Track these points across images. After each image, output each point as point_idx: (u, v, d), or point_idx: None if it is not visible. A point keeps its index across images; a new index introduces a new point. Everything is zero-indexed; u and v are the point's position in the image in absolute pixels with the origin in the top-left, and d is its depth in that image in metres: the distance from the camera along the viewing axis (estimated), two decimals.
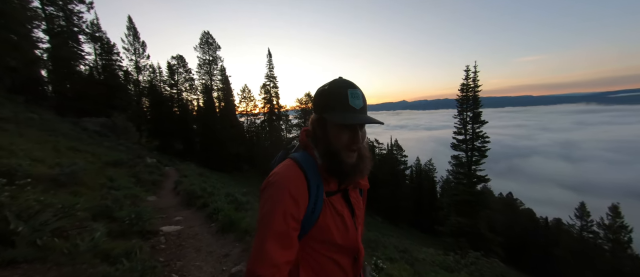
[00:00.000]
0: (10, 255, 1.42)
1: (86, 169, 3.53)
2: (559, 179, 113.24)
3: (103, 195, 3.13)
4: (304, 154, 0.81)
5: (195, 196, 4.53)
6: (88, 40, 19.01)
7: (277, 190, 0.72)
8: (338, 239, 0.78)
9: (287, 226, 0.70)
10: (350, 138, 0.76)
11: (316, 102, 0.81)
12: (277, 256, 0.68)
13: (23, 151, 3.34)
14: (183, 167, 12.45)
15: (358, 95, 0.76)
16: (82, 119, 13.73)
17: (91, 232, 1.91)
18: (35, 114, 9.71)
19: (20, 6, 11.60)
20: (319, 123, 0.80)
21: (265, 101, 30.40)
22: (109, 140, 11.21)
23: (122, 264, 1.68)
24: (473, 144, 20.98)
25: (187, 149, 25.85)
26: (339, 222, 0.79)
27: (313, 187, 0.75)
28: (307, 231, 0.76)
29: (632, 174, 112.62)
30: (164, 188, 6.00)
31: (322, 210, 0.76)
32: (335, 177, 0.79)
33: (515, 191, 58.18)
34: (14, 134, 5.15)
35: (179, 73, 27.77)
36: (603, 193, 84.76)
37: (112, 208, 2.63)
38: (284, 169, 0.76)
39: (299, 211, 0.72)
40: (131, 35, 24.33)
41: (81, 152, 5.41)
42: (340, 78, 0.80)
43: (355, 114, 0.74)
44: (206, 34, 27.87)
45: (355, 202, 0.86)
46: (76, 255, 1.59)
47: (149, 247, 2.29)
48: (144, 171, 6.70)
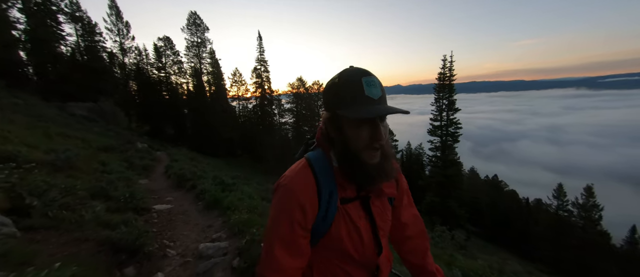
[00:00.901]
0: (28, 223, 1.74)
1: (79, 154, 3.77)
2: (544, 162, 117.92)
3: (97, 178, 3.42)
4: (319, 154, 0.74)
5: (184, 179, 4.88)
6: (68, 20, 18.17)
7: (285, 195, 0.68)
8: (351, 252, 0.71)
9: (294, 234, 0.67)
10: (371, 134, 0.65)
11: (327, 99, 0.70)
12: (285, 262, 0.66)
13: (17, 137, 3.53)
14: (174, 152, 12.64)
15: (375, 83, 0.65)
16: (69, 104, 13.54)
17: (92, 207, 2.26)
18: (19, 99, 9.61)
19: None
20: (332, 122, 0.70)
21: (257, 85, 30.08)
22: (97, 125, 11.24)
23: (121, 229, 2.01)
24: (447, 130, 22.40)
25: (178, 134, 25.77)
26: (354, 233, 0.71)
27: (324, 194, 0.69)
28: (318, 239, 0.72)
29: (613, 158, 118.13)
30: (155, 172, 6.29)
31: (335, 218, 0.70)
32: (358, 182, 0.71)
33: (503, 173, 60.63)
34: (4, 120, 5.27)
35: (167, 56, 26.97)
36: (585, 175, 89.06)
37: (107, 189, 2.94)
38: (294, 173, 0.71)
39: (307, 218, 0.67)
40: (113, 14, 23.26)
41: (72, 138, 5.58)
42: (352, 67, 0.69)
43: (374, 106, 0.63)
44: (193, 15, 26.84)
45: (379, 213, 0.76)
46: (82, 224, 1.94)
47: (143, 222, 2.64)
48: (135, 156, 6.93)
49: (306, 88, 30.35)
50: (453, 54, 21.73)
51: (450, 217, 19.76)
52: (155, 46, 26.28)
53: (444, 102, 22.15)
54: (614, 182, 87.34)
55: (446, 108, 22.02)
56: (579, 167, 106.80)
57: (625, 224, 29.88)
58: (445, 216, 19.61)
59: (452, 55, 21.72)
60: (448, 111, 21.95)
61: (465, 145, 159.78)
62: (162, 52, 26.61)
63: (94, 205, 2.33)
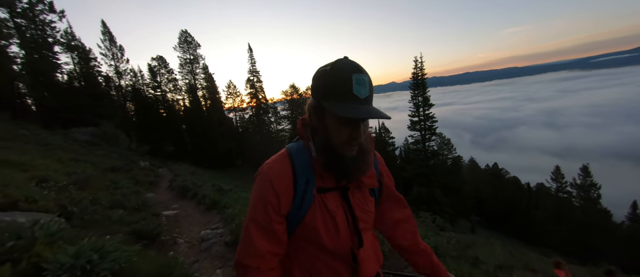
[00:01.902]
0: (72, 224, 2.24)
1: (93, 175, 4.28)
2: (544, 147, 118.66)
3: (112, 193, 3.93)
4: (299, 145, 0.75)
5: (187, 190, 5.40)
6: (64, 50, 18.82)
7: (261, 182, 0.70)
8: (326, 242, 0.71)
9: (270, 220, 0.68)
10: (350, 133, 0.66)
11: (315, 85, 0.69)
12: (261, 246, 0.68)
13: (40, 165, 4.03)
14: (176, 167, 13.13)
15: (364, 82, 0.64)
16: (71, 130, 14.07)
17: (116, 212, 2.79)
18: (25, 129, 10.14)
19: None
20: (316, 111, 0.70)
21: (251, 96, 30.70)
22: (101, 149, 11.73)
23: (140, 224, 2.51)
24: (425, 124, 24.24)
25: (178, 150, 26.22)
26: (330, 223, 0.71)
27: (300, 182, 0.70)
28: (294, 228, 0.72)
29: (610, 136, 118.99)
30: (160, 186, 6.79)
31: (310, 207, 0.70)
32: (333, 173, 0.72)
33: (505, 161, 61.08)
34: (18, 151, 5.78)
35: (161, 74, 27.62)
36: (584, 156, 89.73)
37: (122, 201, 3.44)
38: (272, 161, 0.73)
39: (281, 205, 0.68)
40: (107, 39, 23.95)
41: (81, 162, 6.08)
42: (346, 58, 0.68)
43: (359, 106, 0.63)
44: (184, 33, 27.57)
45: (359, 204, 0.76)
46: (111, 223, 2.47)
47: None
48: (140, 174, 7.43)
49: (299, 94, 30.97)
50: (422, 55, 24.02)
51: (434, 205, 21.06)
52: (149, 66, 26.96)
53: (420, 99, 23.92)
54: (614, 160, 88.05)
55: (422, 104, 23.72)
56: (579, 149, 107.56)
57: (628, 201, 30.17)
58: (431, 204, 20.86)
59: (422, 56, 24.00)
60: (423, 107, 23.73)
61: (465, 137, 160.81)
62: (157, 71, 27.27)
63: (117, 211, 2.87)
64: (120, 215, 2.78)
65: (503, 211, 34.70)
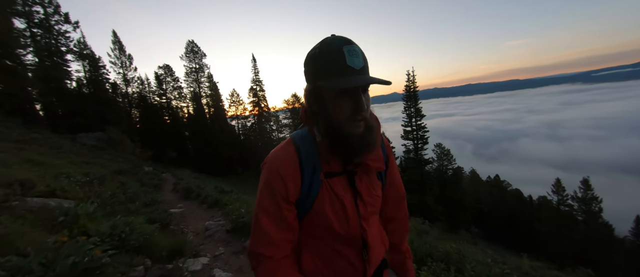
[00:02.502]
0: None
1: (105, 176, 4.69)
2: (546, 159, 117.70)
3: (124, 191, 4.30)
4: (303, 132, 0.75)
5: (191, 191, 5.77)
6: (77, 59, 19.67)
7: (268, 171, 0.70)
8: (336, 227, 0.70)
9: (279, 208, 0.68)
10: (353, 106, 0.63)
11: (307, 70, 0.68)
12: (274, 234, 0.67)
13: (59, 165, 4.42)
14: (178, 173, 13.51)
15: (356, 53, 0.62)
16: (79, 135, 14.57)
17: (132, 205, 3.17)
18: (37, 133, 10.64)
19: (6, 30, 12.35)
20: (313, 95, 0.69)
21: (254, 104, 31.37)
22: (107, 153, 12.17)
23: (154, 214, 2.88)
24: (417, 134, 25.65)
25: (181, 156, 26.67)
26: (338, 207, 0.71)
27: (307, 169, 0.69)
28: (304, 215, 0.72)
29: (614, 149, 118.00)
30: (164, 189, 7.15)
31: (318, 193, 0.70)
32: (342, 153, 0.69)
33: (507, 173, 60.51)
34: (35, 153, 6.21)
35: (167, 82, 28.50)
36: (588, 169, 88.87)
37: (134, 197, 3.81)
38: (278, 149, 0.73)
39: (289, 192, 0.68)
40: (117, 49, 24.94)
41: (92, 165, 6.48)
42: (333, 35, 0.66)
43: (356, 76, 0.60)
44: (191, 43, 28.58)
45: (366, 188, 0.76)
46: (129, 212, 2.82)
47: None
48: (146, 177, 7.80)
49: (301, 103, 31.62)
50: (414, 69, 25.74)
51: (427, 212, 21.94)
52: (156, 74, 27.87)
53: (412, 110, 25.38)
54: (618, 174, 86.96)
55: (414, 115, 25.11)
56: (582, 161, 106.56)
57: (633, 215, 29.79)
58: (424, 212, 21.47)
59: (414, 70, 25.70)
60: (416, 118, 25.13)
61: (467, 147, 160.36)
62: (163, 79, 28.15)
63: (133, 204, 3.24)
64: (136, 206, 3.14)
65: (505, 223, 34.36)
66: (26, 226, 1.63)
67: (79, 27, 18.55)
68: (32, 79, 13.84)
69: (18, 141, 7.18)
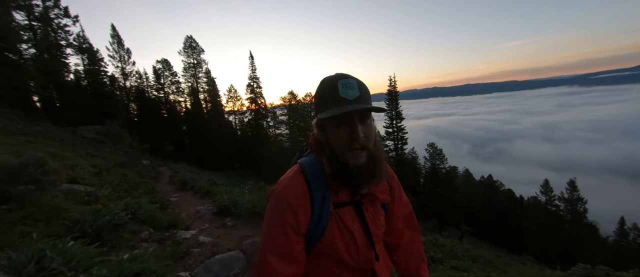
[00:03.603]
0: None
1: (110, 168, 5.20)
2: (541, 160, 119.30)
3: (128, 181, 4.82)
4: (312, 160, 0.76)
5: (186, 183, 6.33)
6: (76, 52, 19.94)
7: (277, 202, 0.69)
8: (345, 257, 0.71)
9: (288, 240, 0.67)
10: (348, 135, 0.66)
11: (314, 105, 0.74)
12: (279, 269, 0.66)
13: (69, 156, 4.91)
14: (175, 166, 14.00)
15: (351, 85, 0.67)
16: (79, 128, 14.97)
17: (136, 191, 3.72)
18: (39, 126, 11.08)
19: (8, 24, 12.65)
20: (319, 126, 0.74)
21: (251, 101, 31.76)
22: (107, 146, 12.62)
23: (156, 198, 3.44)
24: (398, 135, 27.36)
25: (178, 150, 27.07)
26: (348, 238, 0.71)
27: (317, 199, 0.70)
28: (313, 245, 0.72)
29: (608, 152, 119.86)
30: (161, 181, 7.67)
31: (328, 223, 0.70)
32: (343, 183, 0.71)
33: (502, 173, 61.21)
34: (41, 145, 6.69)
35: (165, 77, 28.76)
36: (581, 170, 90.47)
37: (135, 186, 4.34)
38: (287, 179, 0.73)
39: (300, 224, 0.68)
40: (116, 43, 25.12)
41: (96, 157, 6.96)
42: (337, 74, 0.71)
43: (347, 105, 0.65)
44: (189, 39, 28.79)
45: (372, 218, 0.76)
46: (135, 196, 3.37)
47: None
48: (144, 170, 8.31)
49: (297, 101, 32.03)
50: (395, 75, 27.74)
51: None
52: (154, 68, 28.11)
53: (393, 113, 26.84)
54: (611, 176, 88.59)
55: (395, 117, 26.50)
56: (576, 163, 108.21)
57: (623, 217, 30.83)
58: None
59: (394, 75, 27.59)
60: (396, 120, 26.64)
61: (463, 147, 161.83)
62: (161, 73, 28.41)
63: (137, 191, 3.79)
64: (140, 193, 3.66)
65: (496, 222, 35.28)
66: (68, 202, 2.21)
67: (79, 21, 18.81)
68: (32, 72, 14.18)
69: (24, 134, 7.64)
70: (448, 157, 32.93)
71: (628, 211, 35.05)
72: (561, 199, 29.54)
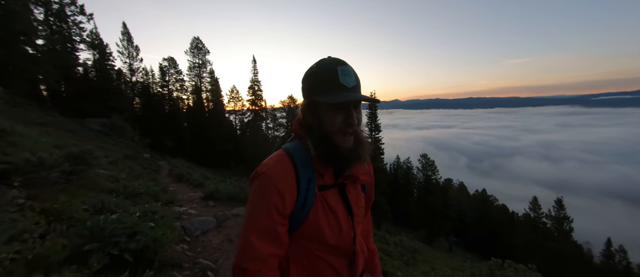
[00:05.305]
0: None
1: (118, 159, 6.02)
2: (537, 178, 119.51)
3: (132, 170, 5.63)
4: (296, 144, 0.77)
5: (182, 176, 7.21)
6: (88, 48, 20.96)
7: (263, 183, 0.70)
8: (329, 239, 0.73)
9: (273, 221, 0.68)
10: (344, 120, 0.70)
11: (305, 86, 0.74)
12: (262, 249, 0.67)
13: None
14: (174, 161, 14.81)
15: (349, 73, 0.70)
16: (86, 120, 15.84)
17: (142, 179, 4.57)
18: (50, 116, 11.93)
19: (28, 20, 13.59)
20: (309, 108, 0.74)
21: (251, 103, 32.71)
22: (112, 139, 13.47)
23: (158, 183, 4.31)
24: (375, 145, 28.29)
25: (177, 146, 27.85)
26: (332, 219, 0.74)
27: (303, 181, 0.71)
28: (296, 227, 0.73)
29: (605, 174, 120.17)
30: (161, 174, 8.47)
31: (312, 205, 0.72)
32: (331, 164, 0.73)
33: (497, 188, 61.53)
34: (56, 135, 7.52)
35: (170, 74, 29.77)
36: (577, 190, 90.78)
37: (139, 176, 5.17)
38: (273, 161, 0.73)
39: (286, 205, 0.69)
40: (126, 40, 26.18)
41: (104, 149, 7.79)
42: (329, 57, 0.73)
43: (347, 93, 0.68)
44: (196, 40, 29.88)
45: (354, 200, 0.80)
46: (142, 182, 4.20)
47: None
48: (145, 163, 9.12)
49: (296, 105, 32.99)
50: (375, 91, 30.70)
51: (378, 212, 24.74)
52: (160, 66, 29.14)
53: (372, 125, 28.57)
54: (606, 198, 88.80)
55: (374, 129, 28.11)
56: (572, 183, 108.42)
57: (615, 239, 31.35)
58: (376, 213, 24.31)
59: (375, 91, 30.79)
60: (374, 131, 28.24)
61: (461, 160, 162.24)
62: (166, 70, 29.41)
63: (142, 178, 4.62)
64: (145, 180, 4.49)
65: (487, 235, 35.72)
66: (100, 178, 3.06)
67: (93, 18, 19.87)
68: (47, 66, 15.08)
69: (41, 124, 8.48)
70: (446, 170, 33.61)
71: (622, 234, 35.52)
72: (548, 216, 30.14)
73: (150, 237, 1.65)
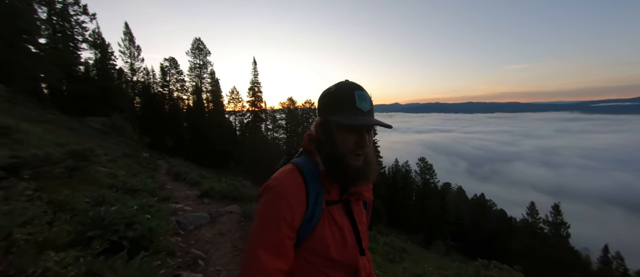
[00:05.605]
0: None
1: (118, 157, 6.19)
2: (537, 183, 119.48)
3: (131, 168, 5.80)
4: (305, 160, 0.79)
5: (180, 175, 7.39)
6: (90, 47, 21.19)
7: (274, 196, 0.70)
8: (334, 254, 0.74)
9: (281, 235, 0.68)
10: (356, 141, 0.73)
11: (321, 105, 0.79)
12: (269, 264, 0.66)
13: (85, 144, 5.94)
14: (172, 161, 14.97)
15: (365, 98, 0.74)
16: (87, 118, 16.01)
17: (140, 176, 4.73)
18: (51, 114, 12.10)
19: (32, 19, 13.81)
20: (323, 126, 0.78)
21: (251, 104, 32.91)
22: (111, 137, 13.63)
23: (156, 181, 4.48)
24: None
25: (176, 146, 27.96)
26: (338, 234, 0.76)
27: (312, 195, 0.73)
28: (302, 242, 0.74)
29: (603, 181, 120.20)
30: (159, 172, 8.64)
31: (319, 220, 0.73)
32: (339, 182, 0.76)
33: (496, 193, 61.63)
34: (58, 133, 7.70)
35: (171, 74, 30.00)
36: (576, 196, 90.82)
37: (138, 173, 5.33)
38: (283, 175, 0.74)
39: (295, 219, 0.70)
40: (127, 39, 26.44)
41: (103, 147, 7.96)
42: (347, 80, 0.77)
43: (362, 116, 0.72)
44: (197, 40, 30.15)
45: (358, 216, 0.82)
46: (140, 179, 4.35)
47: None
48: (144, 162, 9.28)
49: (296, 107, 33.18)
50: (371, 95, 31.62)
51: (375, 213, 25.12)
52: (161, 66, 29.38)
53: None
54: (605, 205, 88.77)
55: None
56: (571, 189, 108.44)
57: (612, 246, 31.42)
58: (373, 214, 25.71)
59: (372, 94, 31.29)
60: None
61: (461, 165, 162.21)
62: (167, 70, 29.64)
63: (140, 176, 4.78)
64: (144, 177, 4.66)
65: (484, 240, 35.77)
66: (99, 174, 3.22)
67: (95, 18, 20.11)
68: (49, 65, 15.29)
69: (43, 122, 8.65)
70: (445, 174, 33.67)
71: (620, 241, 35.57)
72: (545, 221, 30.21)
73: (146, 227, 1.81)
